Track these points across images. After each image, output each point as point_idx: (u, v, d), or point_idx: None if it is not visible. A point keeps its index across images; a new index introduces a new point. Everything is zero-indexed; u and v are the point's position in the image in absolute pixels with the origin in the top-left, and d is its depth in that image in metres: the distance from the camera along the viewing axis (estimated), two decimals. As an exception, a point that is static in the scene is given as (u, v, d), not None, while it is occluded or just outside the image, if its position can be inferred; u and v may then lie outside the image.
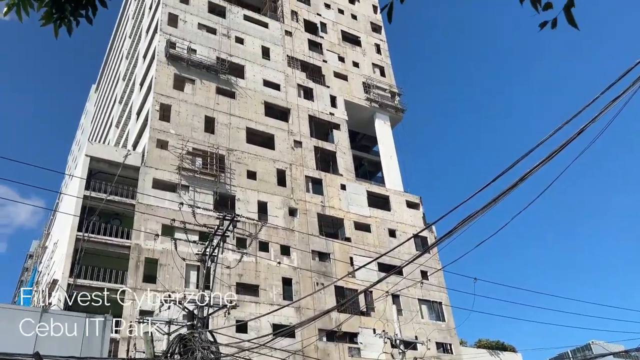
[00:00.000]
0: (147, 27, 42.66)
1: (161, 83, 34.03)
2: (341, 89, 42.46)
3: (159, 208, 28.64)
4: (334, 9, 47.58)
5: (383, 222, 36.95)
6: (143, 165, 30.17)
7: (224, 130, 34.38)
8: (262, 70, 39.19)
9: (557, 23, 2.99)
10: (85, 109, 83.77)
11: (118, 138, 45.92)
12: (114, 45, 66.84)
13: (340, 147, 39.27)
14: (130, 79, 46.69)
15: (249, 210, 31.53)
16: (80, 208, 27.27)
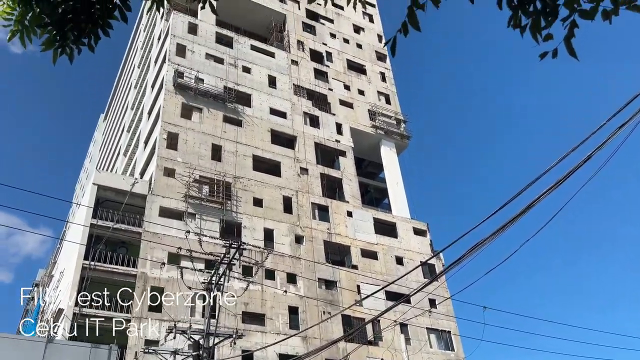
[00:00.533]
0: (155, 57, 43.44)
1: (169, 112, 34.45)
2: (347, 117, 42.80)
3: (166, 236, 28.64)
4: (339, 39, 48.34)
5: (390, 250, 36.70)
6: (150, 194, 30.32)
7: (230, 158, 34.60)
8: (268, 98, 39.65)
9: (557, 53, 3.04)
10: (94, 138, 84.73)
11: (126, 166, 46.29)
12: (123, 75, 68.00)
13: (346, 174, 39.35)
14: (138, 108, 47.34)
15: (255, 238, 31.47)
16: (87, 236, 27.32)
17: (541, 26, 2.89)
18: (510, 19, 2.93)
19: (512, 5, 2.90)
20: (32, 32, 3.37)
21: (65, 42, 3.36)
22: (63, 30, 3.32)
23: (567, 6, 2.82)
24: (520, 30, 2.95)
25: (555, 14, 2.84)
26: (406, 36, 3.22)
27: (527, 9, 2.87)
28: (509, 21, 2.96)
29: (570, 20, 2.85)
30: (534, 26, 2.90)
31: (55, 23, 3.30)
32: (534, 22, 2.90)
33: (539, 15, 2.86)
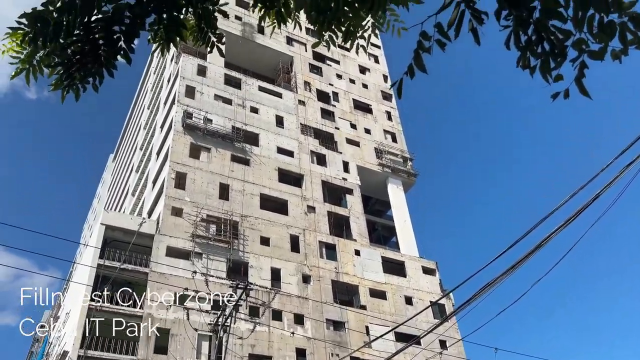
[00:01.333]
0: (165, 99, 44.26)
1: (177, 152, 34.80)
2: (353, 155, 43.03)
3: (172, 276, 28.42)
4: (345, 79, 49.16)
5: (399, 289, 36.12)
6: (157, 233, 30.28)
7: (238, 197, 34.67)
8: (276, 138, 40.04)
9: (569, 94, 3.04)
10: (103, 179, 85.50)
11: (134, 206, 46.45)
12: (133, 116, 69.19)
13: (353, 212, 39.22)
14: (147, 148, 47.90)
15: (262, 278, 31.14)
16: (93, 277, 27.17)
17: (550, 67, 2.91)
18: (519, 59, 2.96)
19: (519, 46, 2.93)
20: (40, 71, 3.47)
21: (73, 81, 3.44)
22: (70, 70, 3.39)
23: (575, 47, 2.83)
24: (530, 71, 2.97)
25: (564, 55, 2.86)
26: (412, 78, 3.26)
27: (535, 50, 2.90)
28: (517, 61, 2.98)
29: (580, 61, 2.86)
30: (544, 67, 2.92)
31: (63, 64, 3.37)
32: (543, 63, 2.91)
33: (547, 56, 2.88)
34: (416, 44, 3.14)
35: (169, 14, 3.58)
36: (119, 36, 3.48)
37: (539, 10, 2.82)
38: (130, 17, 3.48)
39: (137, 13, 3.48)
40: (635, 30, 2.67)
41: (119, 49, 3.50)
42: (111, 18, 3.43)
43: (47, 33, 3.20)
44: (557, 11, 2.77)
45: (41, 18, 3.22)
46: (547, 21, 2.80)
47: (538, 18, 2.83)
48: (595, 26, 2.72)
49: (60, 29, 3.23)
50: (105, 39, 3.41)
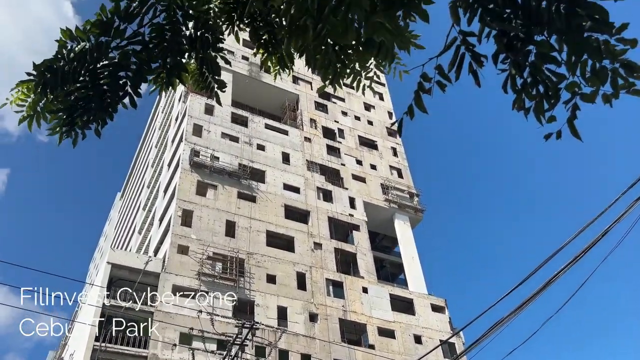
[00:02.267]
0: (172, 137, 44.83)
1: (184, 189, 34.99)
2: (360, 191, 43.04)
3: (178, 315, 28.09)
4: (350, 116, 49.72)
5: (408, 328, 35.43)
6: (163, 272, 30.12)
7: (244, 234, 34.59)
8: (282, 174, 40.24)
9: (561, 135, 3.10)
10: (110, 217, 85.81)
11: (140, 244, 46.40)
12: (141, 154, 69.98)
13: (360, 248, 38.93)
14: (154, 186, 48.23)
15: (268, 317, 30.70)
16: (98, 317, 26.90)
17: (544, 108, 2.97)
18: (515, 101, 3.02)
19: (515, 89, 2.99)
20: (43, 117, 3.52)
21: (72, 127, 3.50)
22: (72, 116, 3.46)
23: (568, 90, 2.90)
24: (525, 113, 3.04)
25: (557, 97, 2.93)
26: (412, 119, 3.32)
27: (530, 93, 2.96)
28: (513, 104, 3.04)
29: (572, 103, 2.93)
30: (537, 109, 2.98)
31: (66, 110, 3.45)
32: (537, 105, 2.98)
33: (541, 98, 2.95)
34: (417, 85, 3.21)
35: (173, 59, 3.68)
36: (125, 81, 3.57)
37: (534, 54, 2.90)
38: (136, 62, 3.57)
39: (143, 58, 3.58)
40: (627, 76, 2.74)
41: (125, 93, 3.58)
42: (118, 64, 3.53)
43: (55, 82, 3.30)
44: (551, 55, 2.85)
45: (51, 68, 3.32)
46: (542, 64, 2.88)
47: (533, 61, 2.90)
48: (588, 71, 2.79)
49: (68, 76, 3.32)
50: (111, 85, 3.50)
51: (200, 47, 3.82)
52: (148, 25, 3.62)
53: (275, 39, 3.93)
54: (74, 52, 3.33)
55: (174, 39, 3.66)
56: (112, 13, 3.43)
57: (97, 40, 3.42)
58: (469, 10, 2.93)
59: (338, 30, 2.96)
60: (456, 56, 3.06)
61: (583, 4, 2.71)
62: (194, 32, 3.85)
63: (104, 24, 3.43)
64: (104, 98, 3.50)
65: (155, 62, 3.65)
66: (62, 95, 3.39)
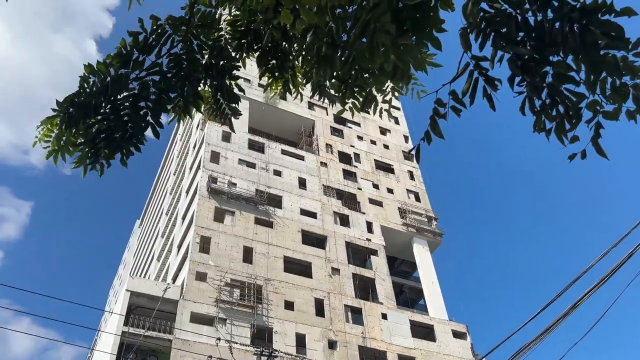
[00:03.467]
0: (190, 164, 45.34)
1: (202, 216, 35.18)
2: (377, 215, 42.79)
3: (196, 343, 27.91)
4: (366, 141, 49.82)
5: (429, 355, 34.66)
6: (182, 299, 30.08)
7: (261, 260, 34.50)
8: (299, 199, 40.27)
9: (586, 154, 3.03)
10: (129, 244, 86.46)
11: (159, 272, 46.54)
12: (159, 182, 70.79)
13: (379, 273, 38.48)
14: (173, 213, 48.59)
15: (286, 344, 30.34)
16: (117, 345, 26.87)
17: (566, 129, 2.92)
18: (535, 123, 2.98)
19: (534, 111, 2.96)
20: (67, 151, 3.60)
21: (97, 159, 3.56)
22: (96, 147, 3.52)
23: (590, 109, 2.85)
24: (546, 134, 2.99)
25: (579, 117, 2.88)
26: (429, 144, 3.31)
27: (550, 114, 2.92)
28: (534, 126, 3.00)
29: (595, 122, 2.87)
30: (559, 129, 2.93)
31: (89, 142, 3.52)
32: (559, 126, 2.93)
33: (562, 119, 2.90)
34: (432, 111, 3.20)
35: (191, 87, 3.75)
36: (145, 111, 3.64)
37: (552, 74, 2.87)
38: (155, 92, 3.64)
39: (162, 88, 3.65)
40: None
41: (147, 124, 3.64)
42: (138, 95, 3.60)
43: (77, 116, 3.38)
44: (569, 75, 2.82)
45: (74, 102, 3.41)
46: (560, 85, 2.85)
47: (550, 82, 2.87)
48: (608, 88, 2.75)
49: (90, 109, 3.40)
50: (131, 115, 3.57)
51: (216, 75, 3.88)
52: (166, 56, 3.70)
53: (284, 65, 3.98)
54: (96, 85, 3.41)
55: (191, 67, 3.73)
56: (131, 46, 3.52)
57: (117, 72, 3.51)
58: (481, 35, 2.93)
59: (364, 55, 3.00)
60: (470, 81, 3.05)
61: (596, 22, 2.69)
62: (209, 60, 3.92)
63: (123, 56, 3.52)
64: (126, 129, 3.56)
65: (173, 92, 3.72)
66: (83, 128, 3.46)
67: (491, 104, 3.04)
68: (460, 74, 3.05)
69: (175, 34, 3.70)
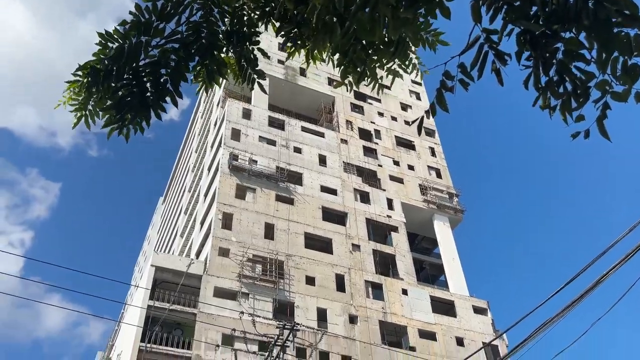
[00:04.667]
0: (212, 142, 45.74)
1: (224, 193, 35.63)
2: (397, 192, 42.71)
3: (220, 317, 28.61)
4: (387, 117, 49.40)
5: (449, 330, 34.89)
6: (205, 274, 30.74)
7: (283, 236, 34.91)
8: (319, 176, 40.40)
9: (589, 134, 3.01)
10: (152, 221, 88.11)
11: (182, 247, 47.50)
12: (181, 160, 71.67)
13: (399, 250, 38.61)
14: (195, 190, 49.29)
15: (308, 318, 30.86)
16: (143, 318, 27.70)
17: (571, 107, 2.89)
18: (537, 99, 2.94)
19: (539, 87, 2.93)
20: (96, 114, 3.71)
21: (124, 122, 3.65)
22: (121, 112, 3.62)
23: (598, 88, 2.80)
24: (550, 111, 2.95)
25: (587, 96, 2.84)
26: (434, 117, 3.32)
27: (556, 91, 2.89)
28: (535, 101, 2.97)
29: (603, 102, 2.84)
30: (565, 107, 2.90)
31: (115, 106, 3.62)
32: (564, 104, 2.90)
33: (569, 97, 2.87)
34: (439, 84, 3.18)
35: (211, 55, 3.79)
36: (165, 79, 3.69)
37: (562, 51, 2.83)
38: (175, 60, 3.70)
39: (181, 56, 3.71)
40: None
41: (166, 91, 3.70)
42: (157, 62, 3.64)
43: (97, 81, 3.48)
44: (580, 53, 2.78)
45: (93, 68, 3.48)
46: (570, 63, 2.81)
47: (560, 59, 2.84)
48: (619, 68, 2.71)
49: (111, 75, 3.49)
50: (152, 82, 3.63)
51: (237, 42, 3.90)
52: (185, 24, 3.72)
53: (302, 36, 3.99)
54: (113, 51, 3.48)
55: (211, 35, 3.74)
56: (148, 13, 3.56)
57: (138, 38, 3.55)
58: (493, 8, 2.89)
59: (365, 27, 2.99)
60: (479, 54, 3.02)
61: None
62: (230, 27, 3.93)
63: (143, 23, 3.55)
64: (146, 96, 3.63)
65: (192, 60, 3.77)
66: (109, 92, 3.55)
67: (499, 78, 3.01)
68: (469, 47, 3.01)
69: (195, 2, 3.71)
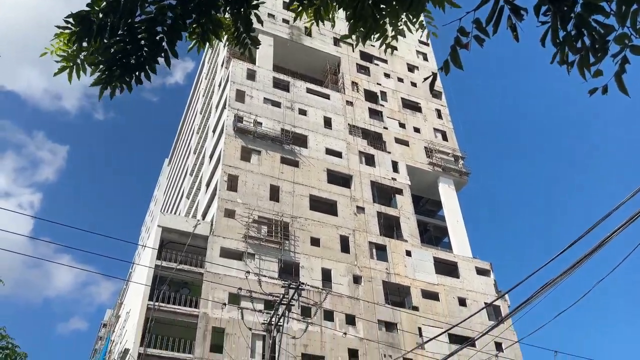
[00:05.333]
0: (216, 104, 45.44)
1: (229, 155, 35.65)
2: (403, 154, 42.60)
3: (226, 277, 29.12)
4: (393, 78, 48.74)
5: (452, 290, 35.46)
6: (211, 235, 31.12)
7: (288, 198, 35.10)
8: (324, 139, 40.25)
9: (607, 90, 2.94)
10: (159, 182, 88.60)
11: (188, 209, 47.92)
12: (186, 121, 71.41)
13: (403, 212, 38.83)
14: (200, 152, 49.32)
15: (313, 278, 31.38)
16: (151, 277, 28.23)
17: (589, 62, 2.82)
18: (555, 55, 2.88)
19: (557, 42, 2.85)
20: (83, 69, 3.62)
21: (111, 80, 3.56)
22: (111, 69, 3.54)
23: (617, 42, 2.74)
24: (567, 67, 2.89)
25: (605, 50, 2.77)
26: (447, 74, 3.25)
27: (574, 46, 2.82)
28: (553, 57, 2.90)
29: (622, 56, 2.77)
30: (583, 62, 2.84)
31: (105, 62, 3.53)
32: (582, 59, 2.83)
33: (587, 52, 2.80)
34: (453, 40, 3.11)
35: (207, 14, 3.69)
36: (161, 37, 3.58)
37: (581, 4, 2.75)
38: (172, 17, 3.59)
39: (178, 13, 3.61)
40: None
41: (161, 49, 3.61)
42: (154, 18, 3.54)
43: (90, 33, 3.38)
44: (599, 6, 2.70)
45: (86, 19, 3.37)
46: (589, 16, 2.73)
47: (579, 13, 2.76)
48: (639, 21, 2.63)
49: (105, 29, 3.38)
50: (148, 40, 3.53)
51: (235, 3, 3.80)
52: None
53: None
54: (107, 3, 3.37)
55: None
56: None
57: None
58: None
59: None
60: (494, 9, 2.94)
61: None
62: None
63: None
64: (141, 53, 3.54)
65: (190, 18, 3.66)
66: (101, 47, 3.45)
67: (515, 34, 2.94)
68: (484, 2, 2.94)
69: None
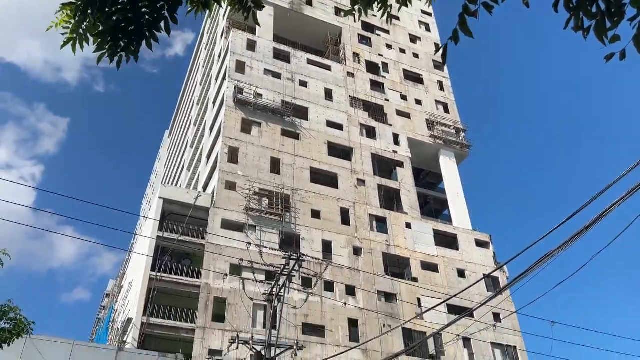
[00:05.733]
0: (216, 75, 44.97)
1: (230, 127, 35.47)
2: (404, 127, 42.39)
3: (228, 248, 29.36)
4: (395, 49, 48.12)
5: (451, 262, 35.79)
6: (212, 206, 31.23)
7: (288, 171, 35.09)
8: (325, 111, 39.99)
9: (625, 55, 2.85)
10: (159, 154, 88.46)
11: (189, 181, 47.97)
12: (186, 92, 70.84)
13: (404, 184, 38.87)
14: (200, 124, 49.07)
15: (313, 250, 31.64)
16: (153, 248, 28.46)
17: (606, 27, 2.74)
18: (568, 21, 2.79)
19: (570, 7, 2.76)
20: (86, 40, 3.60)
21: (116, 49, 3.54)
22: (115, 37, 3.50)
23: (634, 5, 2.65)
24: (583, 33, 2.81)
25: (622, 14, 2.69)
26: (457, 44, 3.17)
27: (589, 10, 2.73)
28: (567, 23, 2.81)
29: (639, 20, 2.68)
30: (599, 28, 2.75)
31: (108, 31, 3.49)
32: (598, 24, 2.75)
33: (603, 17, 2.72)
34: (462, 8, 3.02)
35: None
36: (162, 4, 3.54)
37: None
38: None
39: None
40: None
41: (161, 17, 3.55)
42: None
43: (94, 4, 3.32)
44: None
45: None
46: None
47: None
48: None
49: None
50: (149, 7, 3.49)
51: None
52: None
53: None
54: None
55: None
56: None
57: None
58: None
59: None
60: (505, -27, 2.86)
61: None
62: None
63: None
64: (142, 22, 3.50)
65: None
66: (103, 17, 3.42)
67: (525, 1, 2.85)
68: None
69: None
